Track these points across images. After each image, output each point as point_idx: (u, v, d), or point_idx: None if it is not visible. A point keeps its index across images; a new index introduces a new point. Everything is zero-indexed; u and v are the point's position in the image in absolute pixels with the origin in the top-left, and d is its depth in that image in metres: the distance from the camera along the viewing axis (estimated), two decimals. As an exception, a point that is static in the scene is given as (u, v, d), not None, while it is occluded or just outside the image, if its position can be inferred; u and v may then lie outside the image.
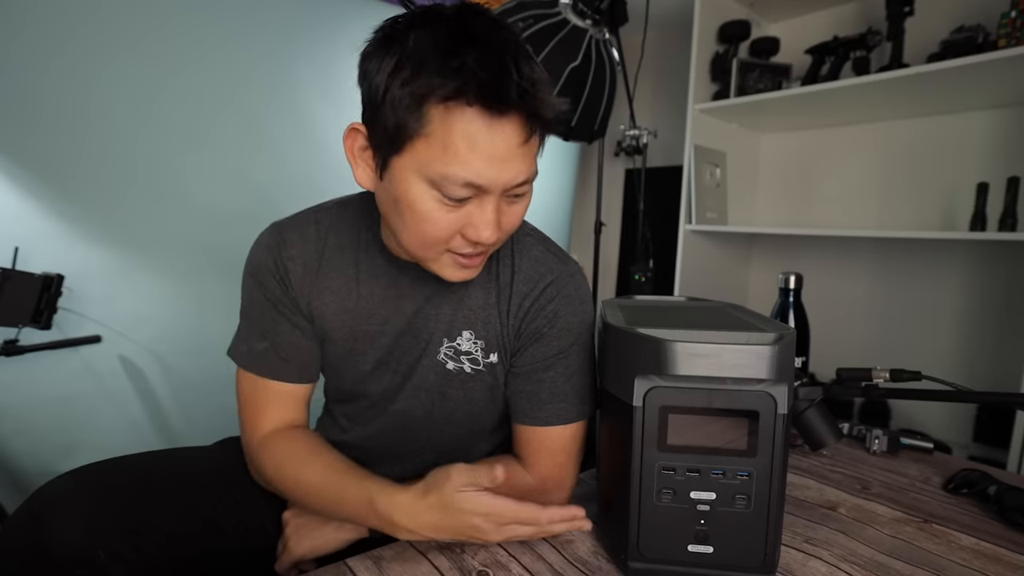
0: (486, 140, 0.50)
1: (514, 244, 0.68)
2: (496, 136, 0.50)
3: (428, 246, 0.56)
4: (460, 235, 0.55)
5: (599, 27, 1.71)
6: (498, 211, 0.54)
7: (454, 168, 0.50)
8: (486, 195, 0.53)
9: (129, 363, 1.36)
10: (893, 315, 1.76)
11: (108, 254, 1.32)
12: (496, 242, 0.58)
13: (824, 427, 0.66)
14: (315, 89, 1.54)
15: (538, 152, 0.56)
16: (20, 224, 1.21)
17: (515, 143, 0.51)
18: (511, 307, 0.65)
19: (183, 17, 1.35)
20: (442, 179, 0.51)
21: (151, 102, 1.33)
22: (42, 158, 1.23)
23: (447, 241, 0.56)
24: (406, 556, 0.58)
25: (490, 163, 0.50)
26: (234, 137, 1.45)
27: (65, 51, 1.22)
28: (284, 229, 0.68)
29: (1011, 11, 1.30)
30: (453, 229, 0.54)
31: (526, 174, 0.54)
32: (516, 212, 0.58)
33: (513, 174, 0.52)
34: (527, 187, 0.56)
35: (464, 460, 0.59)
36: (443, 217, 0.53)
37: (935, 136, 1.67)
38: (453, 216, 0.54)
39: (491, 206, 0.53)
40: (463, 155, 0.50)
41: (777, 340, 0.50)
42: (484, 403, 0.69)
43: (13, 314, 1.15)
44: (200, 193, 1.42)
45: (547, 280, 0.65)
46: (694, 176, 1.80)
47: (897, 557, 0.59)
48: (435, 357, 0.66)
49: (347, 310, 0.66)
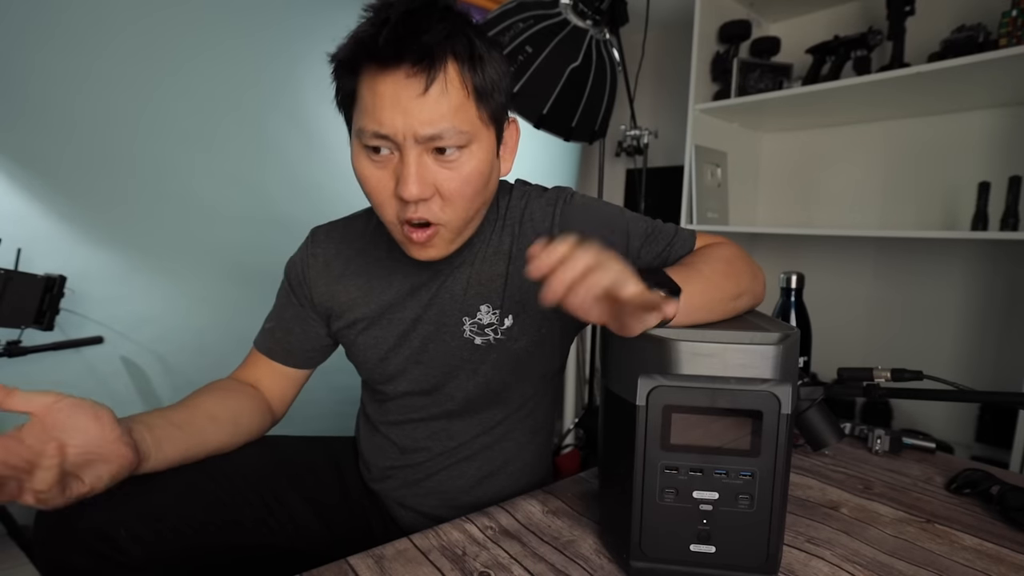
0: (385, 92, 0.53)
1: (508, 210, 0.70)
2: (392, 88, 0.53)
3: (379, 209, 0.60)
4: (395, 196, 0.58)
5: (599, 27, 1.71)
6: (420, 166, 0.56)
7: (365, 120, 0.55)
8: (405, 150, 0.55)
9: (131, 364, 1.36)
10: (894, 315, 1.76)
11: (110, 255, 1.32)
12: (437, 213, 0.58)
13: (826, 427, 0.66)
14: (318, 91, 1.54)
15: (476, 109, 0.57)
16: (23, 225, 1.21)
17: (414, 92, 0.53)
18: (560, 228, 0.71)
19: (187, 19, 1.35)
20: (361, 134, 0.56)
21: (153, 104, 1.33)
22: (45, 160, 1.23)
23: (389, 201, 0.59)
24: (408, 556, 0.58)
25: (392, 112, 0.54)
26: (237, 139, 1.45)
27: (68, 53, 1.22)
28: (317, 231, 0.76)
29: (1012, 10, 1.30)
30: (388, 188, 0.58)
31: (434, 126, 0.54)
32: (454, 177, 0.57)
33: (417, 122, 0.54)
34: (454, 147, 0.56)
35: (532, 412, 0.75)
36: (375, 175, 0.58)
37: (936, 135, 1.67)
38: (383, 175, 0.57)
39: (409, 158, 0.55)
40: (370, 107, 0.55)
41: (781, 340, 0.50)
42: (510, 369, 0.71)
43: (16, 315, 1.15)
44: (202, 195, 1.42)
45: (559, 207, 0.70)
46: (695, 176, 1.80)
47: (899, 557, 0.59)
48: (462, 336, 0.70)
49: (373, 307, 0.71)
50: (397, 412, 0.75)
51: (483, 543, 0.61)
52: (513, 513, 0.68)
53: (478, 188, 0.60)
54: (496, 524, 0.65)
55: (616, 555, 0.58)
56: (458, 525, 0.65)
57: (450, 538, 0.62)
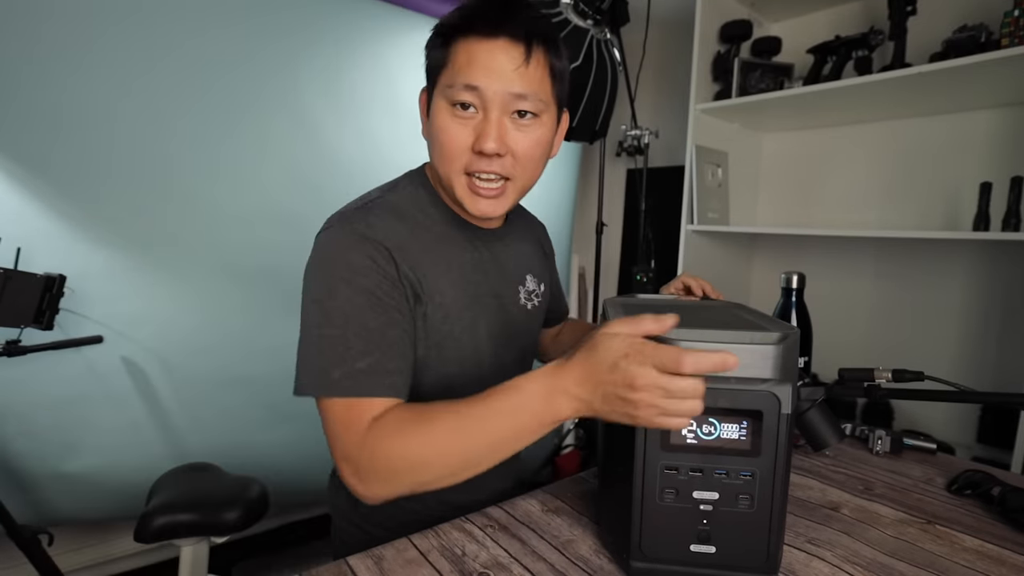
0: (484, 56, 0.61)
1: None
2: (491, 54, 0.61)
3: (450, 160, 0.64)
4: (472, 150, 0.64)
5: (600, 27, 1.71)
6: (501, 126, 0.63)
7: (460, 77, 0.62)
8: (489, 109, 0.62)
9: (131, 363, 1.36)
10: (895, 315, 1.76)
11: (110, 254, 1.32)
12: (509, 168, 0.65)
13: (826, 427, 0.65)
14: (318, 91, 1.54)
15: (551, 86, 0.66)
16: (22, 224, 1.21)
17: (509, 66, 0.62)
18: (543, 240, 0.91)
19: (188, 16, 1.35)
20: (450, 88, 0.62)
21: (154, 102, 1.33)
22: (44, 158, 1.23)
23: (462, 154, 0.64)
24: (407, 556, 0.58)
25: (487, 73, 0.61)
26: (238, 137, 1.45)
27: (67, 51, 1.22)
28: (355, 220, 0.64)
29: (1014, 10, 1.29)
30: (465, 142, 0.63)
31: (525, 89, 0.62)
32: (526, 140, 0.65)
33: (508, 84, 0.61)
34: (532, 113, 0.64)
35: None
36: (455, 127, 0.63)
37: (938, 136, 1.67)
38: (464, 129, 0.63)
39: (493, 116, 0.62)
40: (465, 67, 0.62)
41: (781, 340, 0.50)
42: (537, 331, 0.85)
43: (15, 315, 1.15)
44: (203, 193, 1.42)
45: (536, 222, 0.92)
46: (696, 176, 1.80)
47: (900, 558, 0.59)
48: (519, 303, 0.78)
49: (453, 283, 0.69)
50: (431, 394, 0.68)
51: (483, 542, 0.61)
52: (512, 512, 0.67)
53: (542, 154, 0.68)
54: (495, 523, 0.65)
55: (616, 555, 0.58)
56: (457, 525, 0.65)
57: (449, 538, 0.62)
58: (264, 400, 1.52)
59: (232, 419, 1.50)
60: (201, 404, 1.45)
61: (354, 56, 1.58)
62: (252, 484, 1.17)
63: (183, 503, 1.08)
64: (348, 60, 1.57)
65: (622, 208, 2.53)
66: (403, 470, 0.54)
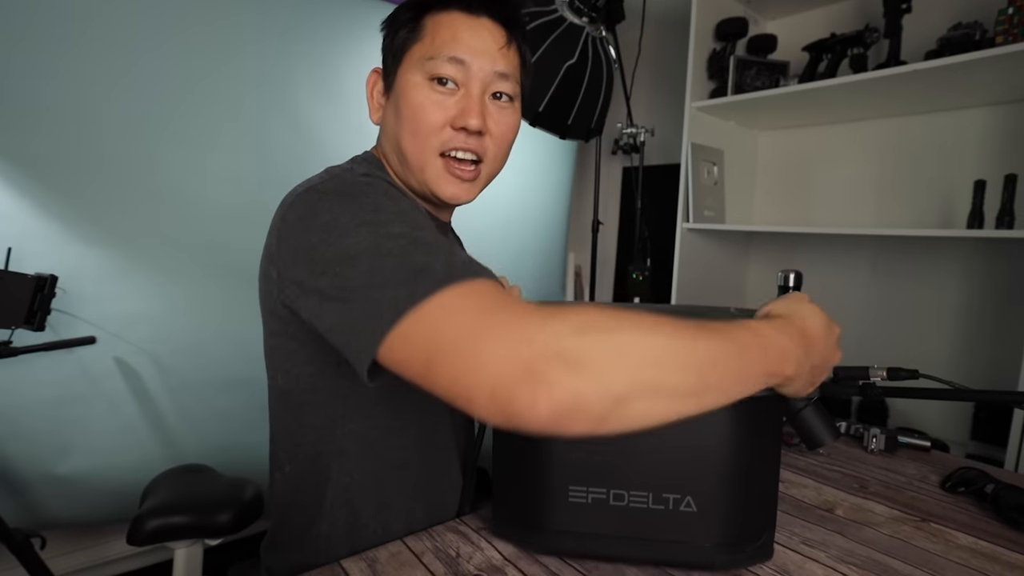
0: (467, 34, 0.60)
1: None
2: (475, 32, 0.60)
3: (424, 138, 0.61)
4: (451, 126, 0.61)
5: (596, 24, 1.70)
6: (483, 104, 0.62)
7: (442, 49, 0.60)
8: (472, 85, 0.61)
9: (124, 364, 1.35)
10: (890, 313, 1.76)
11: (102, 254, 1.31)
12: (487, 148, 0.63)
13: (821, 426, 0.65)
14: (310, 88, 1.53)
15: (520, 73, 0.65)
16: (13, 224, 1.20)
17: (493, 45, 0.61)
18: None
19: (184, 16, 1.34)
20: (431, 61, 0.60)
21: (144, 101, 1.32)
22: (35, 158, 1.22)
23: (440, 131, 0.61)
24: (401, 559, 0.57)
25: (472, 49, 0.60)
26: (231, 137, 1.44)
27: (59, 50, 1.21)
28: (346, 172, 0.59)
29: (1008, 8, 1.30)
30: (444, 118, 0.61)
31: (506, 68, 0.62)
32: (504, 121, 0.64)
33: (493, 62, 0.61)
34: (508, 96, 0.64)
35: None
36: (434, 103, 0.60)
37: (932, 133, 1.67)
38: (443, 104, 0.60)
39: (476, 93, 0.61)
40: (450, 41, 0.60)
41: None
42: None
43: (6, 315, 1.14)
44: (196, 193, 1.41)
45: None
46: (691, 174, 1.80)
47: (895, 556, 0.59)
48: None
49: None
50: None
51: (477, 544, 0.61)
52: (507, 514, 0.67)
53: (513, 140, 0.67)
54: (490, 525, 0.64)
55: (610, 556, 0.58)
56: (451, 526, 0.64)
57: (443, 539, 0.61)
58: (259, 401, 1.49)
59: (226, 420, 1.49)
60: (195, 405, 1.44)
61: (347, 53, 1.57)
62: (247, 486, 1.16)
63: (177, 505, 1.07)
64: (342, 57, 1.56)
65: (618, 206, 2.53)
66: (637, 358, 0.36)
